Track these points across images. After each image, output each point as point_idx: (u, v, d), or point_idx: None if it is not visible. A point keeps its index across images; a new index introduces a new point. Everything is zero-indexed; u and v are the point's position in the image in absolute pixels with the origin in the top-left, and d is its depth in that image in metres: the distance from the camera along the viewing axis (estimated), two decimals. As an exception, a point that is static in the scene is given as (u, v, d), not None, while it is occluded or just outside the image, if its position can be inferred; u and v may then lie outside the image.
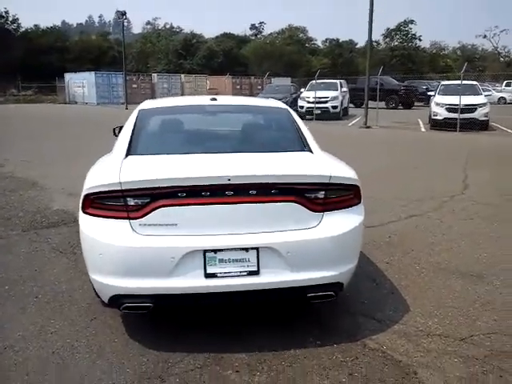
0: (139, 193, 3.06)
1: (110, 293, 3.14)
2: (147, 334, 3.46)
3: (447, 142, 15.10)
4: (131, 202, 3.07)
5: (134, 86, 39.60)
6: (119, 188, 3.04)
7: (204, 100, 4.71)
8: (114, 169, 3.22)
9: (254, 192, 3.11)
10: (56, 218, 6.19)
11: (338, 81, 25.02)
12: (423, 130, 18.85)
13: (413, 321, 3.65)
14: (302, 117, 22.90)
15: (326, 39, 78.30)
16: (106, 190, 3.09)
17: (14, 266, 4.69)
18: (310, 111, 22.86)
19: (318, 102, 22.54)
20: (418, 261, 4.86)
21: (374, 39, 69.70)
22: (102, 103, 37.76)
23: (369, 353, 3.24)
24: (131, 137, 3.80)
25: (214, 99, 4.55)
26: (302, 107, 23.51)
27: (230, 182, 3.05)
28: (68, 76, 42.81)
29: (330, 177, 3.23)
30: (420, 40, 68.90)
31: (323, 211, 3.24)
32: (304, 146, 3.87)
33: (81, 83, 40.81)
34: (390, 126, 19.73)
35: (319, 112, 22.48)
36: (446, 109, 17.76)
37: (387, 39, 70.90)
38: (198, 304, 3.47)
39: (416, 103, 31.46)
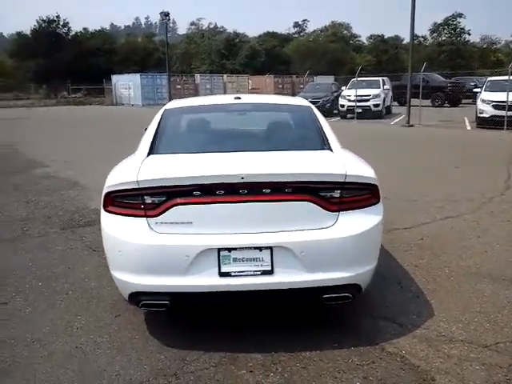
0: (155, 191, 3.14)
1: (128, 290, 3.23)
2: (167, 331, 3.53)
3: (492, 140, 14.58)
4: (148, 200, 3.15)
5: (178, 86, 40.24)
6: (137, 186, 3.12)
7: (228, 99, 4.78)
8: (134, 168, 3.32)
9: (268, 190, 3.12)
10: (93, 216, 6.39)
11: (380, 78, 24.63)
12: (468, 128, 18.27)
13: (436, 326, 3.56)
14: (343, 116, 22.95)
15: (371, 35, 77.07)
16: (125, 188, 3.18)
17: (49, 263, 4.89)
18: (351, 110, 22.58)
19: (359, 101, 22.21)
20: (448, 264, 4.73)
21: (420, 34, 68.29)
22: (146, 104, 38.55)
23: (386, 357, 3.19)
24: (154, 136, 3.92)
25: (238, 98, 4.60)
26: (342, 106, 23.28)
27: (244, 181, 3.08)
28: (115, 78, 44.00)
29: (346, 175, 3.20)
30: (469, 34, 66.84)
31: (339, 211, 3.21)
32: (324, 145, 3.86)
33: (127, 85, 41.86)
34: (434, 124, 19.24)
35: (360, 111, 22.15)
36: (493, 106, 17.09)
37: (434, 34, 69.15)
38: (213, 302, 3.51)
39: (464, 100, 30.45)
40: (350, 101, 22.80)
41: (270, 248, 3.11)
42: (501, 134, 15.85)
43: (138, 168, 3.31)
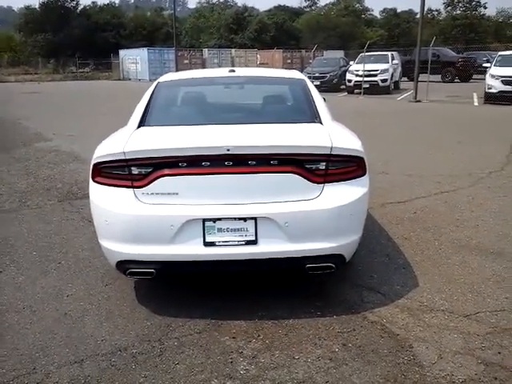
0: (142, 162, 3.18)
1: (115, 258, 3.30)
2: (155, 300, 3.62)
3: (499, 116, 14.40)
4: (135, 171, 3.19)
5: (186, 61, 39.92)
6: (123, 157, 3.17)
7: (223, 72, 4.79)
8: (122, 139, 3.38)
9: (254, 162, 3.14)
10: (92, 189, 6.46)
11: (389, 53, 24.22)
12: (476, 104, 18.01)
13: (419, 296, 3.61)
14: (350, 91, 22.68)
15: (384, 9, 75.81)
16: (112, 159, 3.23)
17: (45, 233, 4.98)
18: (358, 85, 22.34)
19: (366, 76, 21.96)
20: (438, 237, 4.76)
21: (434, 8, 67.10)
22: (154, 79, 37.90)
23: (367, 325, 3.25)
24: (145, 109, 3.97)
25: (233, 71, 4.61)
26: (349, 81, 23.04)
27: (229, 153, 3.10)
28: (122, 53, 43.74)
29: (332, 148, 3.21)
30: (485, 8, 65.47)
31: (324, 182, 3.23)
32: (315, 118, 3.86)
33: (134, 59, 41.65)
34: (442, 100, 19.00)
35: (367, 86, 21.91)
36: (502, 81, 16.79)
37: (449, 8, 67.69)
38: (198, 271, 3.58)
39: (475, 76, 29.87)
40: (357, 76, 22.54)
41: (255, 219, 3.15)
42: (508, 109, 15.65)
43: (127, 140, 3.36)
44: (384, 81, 22.43)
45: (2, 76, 41.77)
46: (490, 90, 17.16)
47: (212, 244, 3.16)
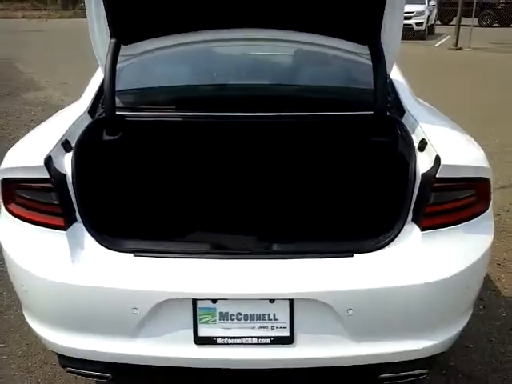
0: None
1: (49, 347, 1.94)
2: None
3: None
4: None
5: None
6: (47, 176, 1.75)
7: None
8: (55, 136, 1.95)
9: None
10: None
11: (425, -8, 21.77)
12: (529, 52, 15.88)
13: None
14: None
15: None
16: (32, 176, 1.81)
17: None
18: (390, 29, 20.12)
19: (400, 18, 19.69)
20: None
21: None
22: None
23: None
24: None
25: None
26: (381, 24, 20.76)
27: None
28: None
29: (440, 167, 1.76)
30: None
31: (421, 230, 1.80)
32: None
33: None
34: (486, 47, 16.83)
35: (401, 30, 19.70)
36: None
37: None
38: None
39: (517, 19, 27.18)
40: (389, 18, 20.27)
41: (290, 301, 1.72)
42: None
43: (60, 137, 1.93)
44: (419, 24, 20.09)
45: (9, 12, 39.63)
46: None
47: (210, 341, 1.74)
